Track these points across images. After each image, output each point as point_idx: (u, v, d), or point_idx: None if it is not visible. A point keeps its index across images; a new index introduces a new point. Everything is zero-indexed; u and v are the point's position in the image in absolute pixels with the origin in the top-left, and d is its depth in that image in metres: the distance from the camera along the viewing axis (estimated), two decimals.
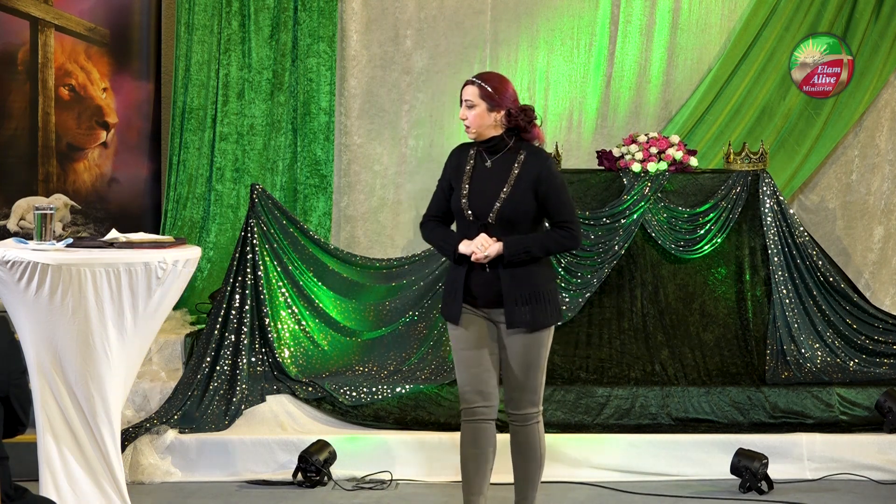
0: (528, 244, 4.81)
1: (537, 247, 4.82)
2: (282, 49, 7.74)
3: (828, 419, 6.60)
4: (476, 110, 4.86)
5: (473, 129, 4.88)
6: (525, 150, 4.89)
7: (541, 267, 4.89)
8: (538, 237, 4.85)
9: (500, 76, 4.97)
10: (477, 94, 4.86)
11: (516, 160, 4.87)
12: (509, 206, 4.82)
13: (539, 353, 4.92)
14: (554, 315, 4.92)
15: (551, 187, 4.83)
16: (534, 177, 4.82)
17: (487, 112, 4.86)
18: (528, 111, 4.92)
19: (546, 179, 4.82)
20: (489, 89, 4.86)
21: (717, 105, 7.91)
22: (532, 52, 7.94)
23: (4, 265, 4.65)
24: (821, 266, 7.01)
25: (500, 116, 4.87)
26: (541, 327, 4.88)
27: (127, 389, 4.93)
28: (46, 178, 7.75)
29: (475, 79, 4.91)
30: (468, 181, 4.91)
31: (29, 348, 4.73)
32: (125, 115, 7.81)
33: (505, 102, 4.87)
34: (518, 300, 4.84)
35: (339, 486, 6.14)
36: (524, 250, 4.80)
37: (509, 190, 4.82)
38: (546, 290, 4.87)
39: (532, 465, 5.04)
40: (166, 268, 4.76)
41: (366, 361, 6.81)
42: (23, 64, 7.72)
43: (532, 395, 4.95)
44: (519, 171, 4.84)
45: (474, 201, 4.87)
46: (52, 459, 4.77)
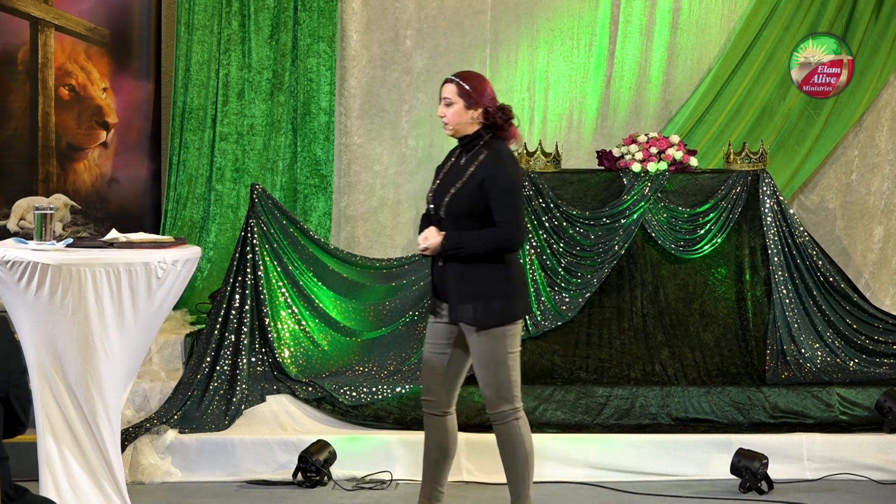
0: (463, 239, 4.90)
1: (472, 243, 4.90)
2: (282, 49, 7.74)
3: (828, 419, 6.60)
4: (454, 108, 4.96)
5: (450, 125, 5.00)
6: (488, 150, 4.96)
7: (491, 265, 4.94)
8: (476, 234, 4.92)
9: (479, 75, 5.07)
10: (455, 91, 4.96)
11: (477, 159, 4.96)
12: (456, 202, 4.93)
13: (496, 350, 4.95)
14: (505, 314, 4.93)
15: (496, 187, 4.89)
16: (484, 175, 4.90)
17: (465, 110, 4.95)
18: (506, 110, 5.01)
19: (493, 178, 4.89)
20: (467, 87, 4.95)
21: (717, 105, 7.91)
22: (532, 52, 7.94)
23: (4, 265, 4.65)
24: (821, 266, 7.01)
25: (477, 114, 4.96)
26: (486, 326, 4.92)
27: (127, 389, 4.93)
28: (46, 178, 7.75)
29: (454, 77, 5.01)
30: (441, 176, 5.06)
31: (29, 348, 4.73)
32: (125, 115, 7.81)
33: (483, 101, 4.96)
34: (461, 296, 4.93)
35: (339, 486, 6.14)
36: (458, 245, 4.89)
37: (460, 186, 4.94)
38: (495, 288, 4.92)
39: (518, 463, 5.08)
40: (166, 268, 4.76)
41: (366, 361, 6.81)
42: (23, 64, 7.72)
43: (501, 392, 5.00)
44: (474, 170, 4.94)
45: (436, 196, 5.03)
46: (52, 459, 4.77)
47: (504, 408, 5.02)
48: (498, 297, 4.92)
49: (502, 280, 4.95)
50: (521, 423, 5.06)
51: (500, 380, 4.98)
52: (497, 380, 4.98)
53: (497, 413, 5.03)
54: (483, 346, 4.95)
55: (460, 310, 4.94)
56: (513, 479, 5.12)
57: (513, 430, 5.04)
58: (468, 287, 4.92)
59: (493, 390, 5.00)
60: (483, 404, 6.55)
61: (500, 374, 4.97)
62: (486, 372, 4.98)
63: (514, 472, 5.10)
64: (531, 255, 6.93)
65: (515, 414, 5.04)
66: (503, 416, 5.03)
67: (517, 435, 5.05)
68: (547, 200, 6.96)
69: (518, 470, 5.09)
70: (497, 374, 4.97)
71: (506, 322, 4.94)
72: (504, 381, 4.98)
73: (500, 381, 4.98)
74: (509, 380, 4.99)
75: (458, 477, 6.30)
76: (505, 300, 4.93)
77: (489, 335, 4.94)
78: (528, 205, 6.96)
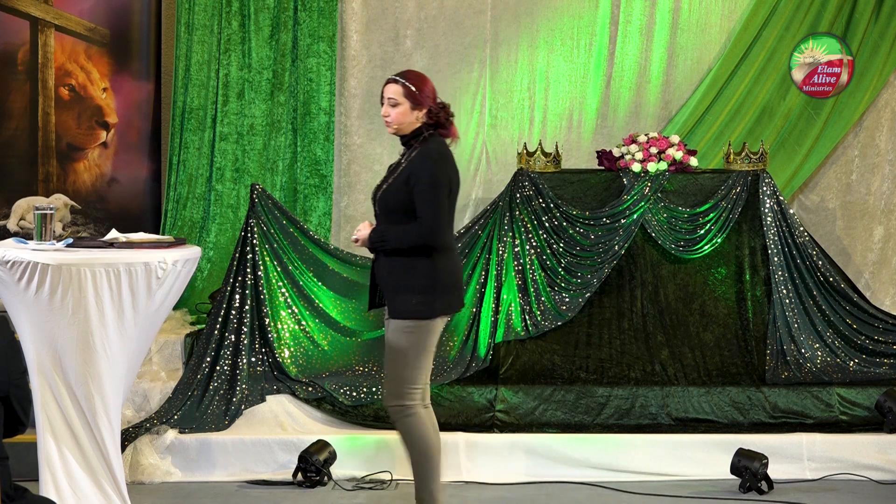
0: (387, 234, 5.00)
1: (395, 238, 5.00)
2: (282, 49, 7.74)
3: (828, 419, 6.60)
4: (399, 108, 5.02)
5: (394, 125, 5.06)
6: (420, 148, 5.04)
7: (416, 260, 4.99)
8: (400, 229, 5.00)
9: (420, 74, 5.13)
10: (401, 92, 5.02)
11: (411, 156, 5.04)
12: (385, 197, 5.04)
13: (402, 343, 5.00)
14: (419, 309, 4.98)
15: (418, 183, 4.95)
16: (410, 172, 4.98)
17: (410, 110, 5.02)
18: (447, 108, 5.10)
19: (417, 175, 4.96)
20: (412, 88, 5.01)
21: (717, 105, 7.91)
22: (532, 52, 7.94)
23: (4, 265, 4.65)
24: (821, 266, 7.01)
25: (421, 114, 5.03)
26: (399, 316, 5.00)
27: (127, 389, 4.93)
28: (46, 178, 7.75)
29: (398, 77, 5.07)
30: (386, 174, 5.17)
31: (29, 348, 4.73)
32: (125, 115, 7.82)
33: (426, 101, 5.03)
34: (388, 287, 5.03)
35: (339, 486, 6.14)
36: (382, 239, 5.01)
37: (390, 183, 5.04)
38: (415, 283, 4.98)
39: (414, 462, 5.11)
40: (166, 268, 4.76)
41: (366, 361, 6.81)
42: (23, 64, 7.72)
43: (397, 387, 5.04)
44: (405, 166, 5.03)
45: (376, 191, 5.15)
46: (52, 459, 4.77)
47: (395, 403, 5.06)
48: (417, 292, 4.98)
49: (424, 276, 5.00)
50: (413, 421, 5.07)
51: (398, 373, 5.03)
52: (395, 372, 5.03)
53: (390, 407, 5.10)
54: (392, 337, 5.02)
55: (387, 299, 5.06)
56: (414, 475, 5.16)
57: (404, 428, 5.08)
58: (392, 280, 5.02)
59: (390, 383, 5.06)
60: (482, 404, 6.57)
61: (399, 368, 5.02)
62: (389, 363, 5.06)
63: (413, 468, 5.15)
64: (531, 255, 6.93)
65: (405, 411, 5.06)
66: (395, 411, 5.08)
67: (408, 433, 5.08)
68: (547, 200, 6.96)
69: (413, 467, 5.13)
70: (396, 367, 5.03)
71: (418, 317, 4.99)
72: (401, 376, 5.02)
73: (398, 374, 5.03)
74: (405, 376, 5.03)
75: (458, 477, 6.30)
76: (423, 296, 4.98)
77: (400, 327, 5.00)
78: (528, 205, 6.96)
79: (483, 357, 6.77)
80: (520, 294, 6.90)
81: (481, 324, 6.86)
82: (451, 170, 5.04)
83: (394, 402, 5.06)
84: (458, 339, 6.85)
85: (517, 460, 6.35)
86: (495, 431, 6.50)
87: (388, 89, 5.04)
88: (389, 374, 5.06)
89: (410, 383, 5.04)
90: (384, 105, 5.05)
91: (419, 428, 5.07)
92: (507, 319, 6.87)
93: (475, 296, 6.91)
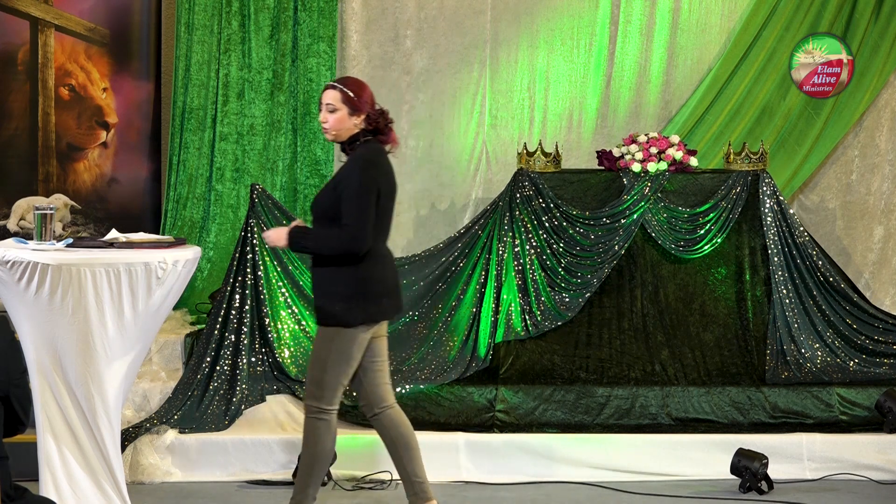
0: (307, 236, 5.02)
1: (314, 241, 5.01)
2: (282, 49, 7.74)
3: (828, 419, 6.60)
4: (338, 114, 5.04)
5: (333, 131, 5.06)
6: (353, 153, 5.06)
7: (343, 268, 4.99)
8: (322, 232, 5.02)
9: (358, 80, 5.17)
10: (339, 98, 5.04)
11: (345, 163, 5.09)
12: (317, 202, 5.08)
13: (323, 348, 5.03)
14: (341, 317, 4.98)
15: (347, 188, 4.96)
16: (340, 177, 5.01)
17: (348, 116, 5.03)
18: (386, 114, 5.11)
19: (346, 180, 4.97)
20: (351, 94, 5.03)
21: (717, 105, 7.90)
22: (532, 52, 7.94)
23: (4, 265, 4.65)
24: (821, 266, 7.01)
25: (359, 120, 5.05)
26: (322, 322, 5.04)
27: (127, 389, 4.93)
28: (46, 178, 7.75)
29: (336, 83, 5.09)
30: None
31: (29, 348, 4.73)
32: (125, 115, 7.81)
33: (365, 107, 5.05)
34: (318, 294, 5.04)
35: (339, 486, 6.13)
36: (302, 238, 5.01)
37: (323, 187, 5.11)
38: (344, 291, 4.99)
39: (305, 460, 5.15)
40: (166, 268, 4.76)
41: None
42: (23, 64, 7.72)
43: (313, 388, 5.07)
44: (338, 172, 5.07)
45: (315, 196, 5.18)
46: (52, 459, 4.77)
47: (311, 402, 5.10)
48: (341, 300, 4.99)
49: (348, 284, 5.00)
50: (321, 425, 5.09)
51: (316, 376, 5.05)
52: (314, 375, 5.06)
53: (305, 405, 5.13)
54: (317, 342, 5.06)
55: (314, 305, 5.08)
56: (298, 474, 5.20)
57: (310, 427, 5.11)
58: (319, 286, 5.04)
59: (309, 383, 5.10)
60: (482, 404, 6.57)
61: (318, 372, 5.04)
62: (311, 365, 5.09)
63: (301, 467, 5.18)
64: (531, 255, 6.93)
65: (319, 414, 5.08)
66: (308, 409, 5.11)
67: (312, 434, 5.11)
68: (547, 200, 6.96)
69: (303, 467, 5.16)
70: (315, 370, 5.05)
71: (340, 325, 5.00)
72: (319, 379, 5.04)
73: (316, 377, 5.05)
74: (324, 379, 5.04)
75: (458, 477, 6.30)
76: (347, 304, 4.98)
77: (324, 332, 5.03)
78: (528, 205, 6.96)
79: (483, 357, 6.77)
80: (520, 294, 6.90)
81: (481, 324, 6.86)
82: (382, 176, 5.01)
83: (308, 401, 5.11)
84: (458, 339, 6.85)
85: (517, 460, 6.35)
86: (495, 431, 6.50)
87: (327, 95, 5.06)
88: (309, 375, 5.10)
89: (328, 387, 5.06)
90: (322, 111, 5.07)
91: (325, 432, 5.10)
92: (507, 319, 6.87)
93: (475, 296, 6.91)
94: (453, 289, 6.97)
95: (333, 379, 5.04)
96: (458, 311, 6.92)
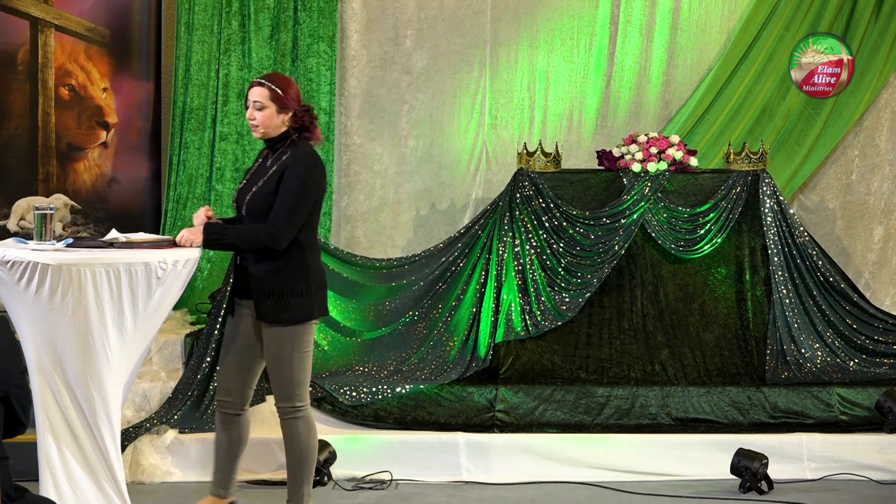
0: (227, 232, 4.98)
1: (236, 237, 4.98)
2: (282, 49, 7.74)
3: (828, 419, 6.60)
4: (266, 112, 5.05)
5: (260, 128, 5.07)
6: (291, 151, 5.07)
7: (289, 263, 5.03)
8: (244, 228, 5.02)
9: (285, 77, 5.18)
10: (267, 96, 5.05)
11: (281, 159, 5.06)
12: (255, 200, 5.04)
13: (284, 347, 5.03)
14: (298, 312, 5.01)
15: (284, 186, 4.99)
16: (279, 174, 5.01)
17: (276, 114, 5.05)
18: (311, 111, 5.15)
19: (285, 178, 5.00)
20: (278, 91, 5.04)
21: (717, 105, 7.90)
22: (532, 52, 7.94)
23: (4, 265, 4.65)
24: (821, 266, 7.01)
25: (287, 118, 5.07)
26: (281, 323, 5.01)
27: (127, 389, 4.93)
28: (46, 178, 7.74)
29: (264, 80, 5.09)
30: (247, 177, 5.17)
31: (29, 348, 4.73)
32: (125, 115, 7.81)
33: (292, 104, 5.07)
34: (262, 293, 5.01)
35: (339, 486, 6.14)
36: (221, 234, 4.96)
37: (261, 185, 5.05)
38: (292, 287, 5.01)
39: (292, 461, 5.15)
40: (166, 268, 4.76)
41: (366, 361, 6.81)
42: (23, 64, 7.71)
43: (285, 389, 5.07)
44: (274, 170, 5.05)
45: (240, 194, 5.13)
46: (52, 459, 4.77)
47: (283, 404, 5.10)
48: (294, 295, 5.01)
49: (299, 279, 5.04)
50: (300, 423, 5.12)
51: (285, 376, 5.05)
52: (282, 376, 5.06)
53: (279, 408, 5.13)
54: (275, 342, 5.04)
55: (262, 305, 5.02)
56: (289, 476, 5.19)
57: (290, 428, 5.12)
58: (267, 284, 5.01)
59: (278, 386, 5.09)
60: (482, 404, 6.57)
61: (286, 371, 5.05)
62: (271, 367, 5.08)
63: (290, 469, 5.18)
64: (531, 255, 6.93)
65: (296, 413, 5.10)
66: (284, 412, 5.11)
67: (293, 433, 5.12)
68: (547, 200, 6.96)
69: (292, 468, 5.17)
70: (281, 371, 5.05)
71: (298, 321, 5.02)
72: (288, 378, 5.05)
73: (285, 377, 5.06)
74: (293, 377, 5.06)
75: (458, 477, 6.31)
76: (300, 298, 5.02)
77: (281, 332, 5.02)
78: (528, 205, 6.96)
79: (483, 357, 6.78)
80: (520, 294, 6.90)
81: (481, 324, 6.86)
82: (323, 178, 5.11)
83: (283, 404, 5.10)
84: (458, 339, 6.85)
85: (517, 460, 6.35)
86: (495, 431, 6.50)
87: (254, 93, 5.06)
88: (276, 379, 5.08)
89: (299, 384, 5.09)
90: (249, 108, 5.06)
91: (304, 428, 5.13)
92: (507, 319, 6.87)
93: (475, 296, 6.91)
94: (453, 289, 6.98)
95: (302, 375, 5.08)
96: (458, 311, 6.92)
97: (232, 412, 5.21)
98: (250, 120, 5.07)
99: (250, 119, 5.07)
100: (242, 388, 5.20)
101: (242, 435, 5.26)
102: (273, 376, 5.10)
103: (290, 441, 5.14)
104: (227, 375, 5.20)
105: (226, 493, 5.31)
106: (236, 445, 5.26)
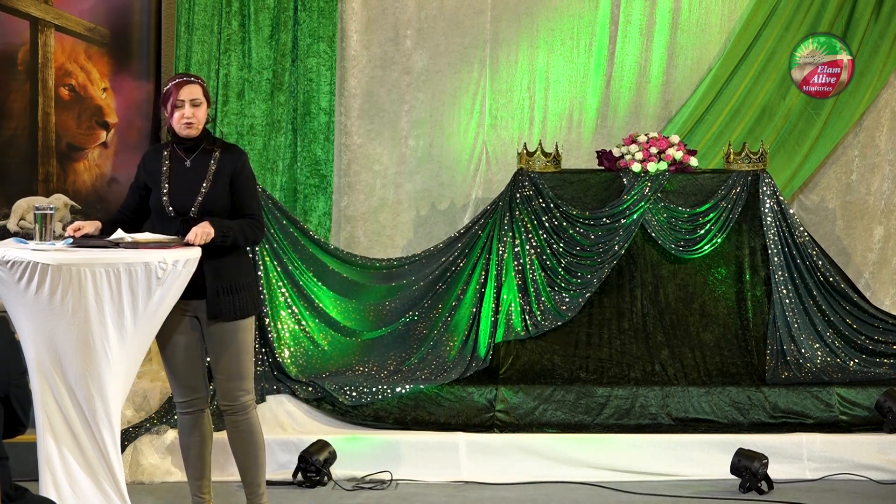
0: (230, 226, 5.00)
1: (236, 231, 5.02)
2: (282, 49, 7.74)
3: (828, 419, 6.60)
4: (202, 108, 5.07)
5: (198, 126, 5.07)
6: (220, 148, 5.10)
7: (240, 258, 5.10)
8: (237, 222, 5.04)
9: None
10: (201, 92, 5.08)
11: (213, 157, 5.06)
12: (209, 201, 5.03)
13: (245, 340, 5.08)
14: (255, 304, 5.11)
15: (244, 182, 5.06)
16: (230, 172, 5.04)
17: (206, 110, 5.08)
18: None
19: (240, 174, 5.06)
20: (206, 87, 5.09)
21: (717, 105, 7.90)
22: (532, 52, 7.94)
23: (4, 265, 4.65)
24: (821, 266, 7.01)
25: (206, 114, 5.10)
26: (243, 316, 5.07)
27: (127, 389, 4.93)
28: (46, 178, 7.74)
29: (193, 78, 5.09)
30: (167, 181, 5.08)
31: (29, 348, 4.73)
32: (125, 115, 7.81)
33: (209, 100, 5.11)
34: (220, 291, 5.03)
35: (339, 486, 6.14)
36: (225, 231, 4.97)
37: (209, 185, 5.03)
38: (247, 281, 5.09)
39: (251, 456, 5.18)
40: (166, 268, 4.76)
41: (366, 361, 6.82)
42: (23, 64, 7.71)
43: (246, 383, 5.12)
44: (216, 168, 5.05)
45: (175, 199, 5.06)
46: (52, 459, 4.77)
47: (246, 399, 5.12)
48: (247, 289, 5.08)
49: (250, 272, 5.15)
50: (256, 414, 5.19)
51: (245, 370, 5.10)
52: (242, 370, 5.09)
53: (239, 404, 5.12)
54: (234, 338, 5.06)
55: (221, 303, 5.03)
56: (252, 467, 5.20)
57: (254, 420, 5.16)
58: (225, 282, 5.03)
59: (238, 381, 5.10)
60: (482, 404, 6.57)
61: (246, 365, 5.09)
62: (234, 363, 5.08)
63: (255, 459, 5.20)
64: (531, 255, 6.93)
65: (253, 404, 5.16)
66: (245, 406, 5.12)
67: (254, 425, 5.17)
68: (547, 200, 6.96)
69: (260, 457, 5.20)
70: (243, 365, 5.09)
71: (253, 313, 5.11)
72: (247, 370, 5.10)
73: (245, 371, 5.10)
74: (251, 369, 5.12)
75: (458, 477, 6.31)
76: (251, 292, 5.10)
77: (240, 326, 5.06)
78: (528, 205, 6.96)
79: (483, 357, 6.78)
80: (520, 294, 6.90)
81: (481, 324, 6.87)
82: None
83: (243, 399, 5.12)
84: (458, 339, 6.86)
85: (517, 460, 6.35)
86: (495, 431, 6.50)
87: (192, 90, 5.03)
88: (235, 374, 5.08)
89: (252, 377, 5.16)
90: (186, 107, 5.01)
91: (258, 422, 5.19)
92: (507, 319, 6.87)
93: (475, 296, 6.91)
94: (453, 289, 6.98)
95: (252, 366, 5.15)
96: (458, 311, 6.92)
97: (200, 409, 5.22)
98: (188, 119, 5.01)
99: (188, 118, 5.01)
100: (204, 383, 5.22)
101: (209, 430, 5.27)
102: (233, 372, 5.08)
103: (252, 436, 5.15)
104: (188, 374, 5.16)
105: (209, 497, 5.31)
106: (208, 442, 5.26)
